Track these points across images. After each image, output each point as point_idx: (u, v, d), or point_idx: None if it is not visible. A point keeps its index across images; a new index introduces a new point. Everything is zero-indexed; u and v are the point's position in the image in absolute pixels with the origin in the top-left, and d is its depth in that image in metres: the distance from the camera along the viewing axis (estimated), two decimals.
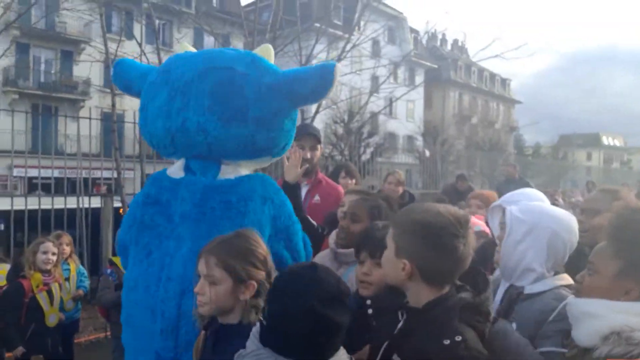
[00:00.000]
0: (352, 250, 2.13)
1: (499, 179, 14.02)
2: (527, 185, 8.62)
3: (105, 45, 5.94)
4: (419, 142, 34.07)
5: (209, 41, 28.57)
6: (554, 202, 9.62)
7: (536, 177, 21.40)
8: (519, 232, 1.83)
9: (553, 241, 1.80)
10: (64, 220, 5.63)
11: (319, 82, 1.94)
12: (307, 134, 3.10)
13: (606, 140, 70.11)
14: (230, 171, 2.00)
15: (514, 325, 1.72)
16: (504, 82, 53.66)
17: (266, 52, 2.08)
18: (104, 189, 9.24)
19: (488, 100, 50.40)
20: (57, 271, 3.92)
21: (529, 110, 67.06)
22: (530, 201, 2.61)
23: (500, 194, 5.35)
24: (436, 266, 1.44)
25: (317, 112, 7.18)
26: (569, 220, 1.87)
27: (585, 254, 2.21)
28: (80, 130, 6.28)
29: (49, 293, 3.79)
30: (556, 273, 1.84)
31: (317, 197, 3.15)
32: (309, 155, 3.02)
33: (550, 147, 50.99)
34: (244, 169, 2.06)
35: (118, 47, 6.29)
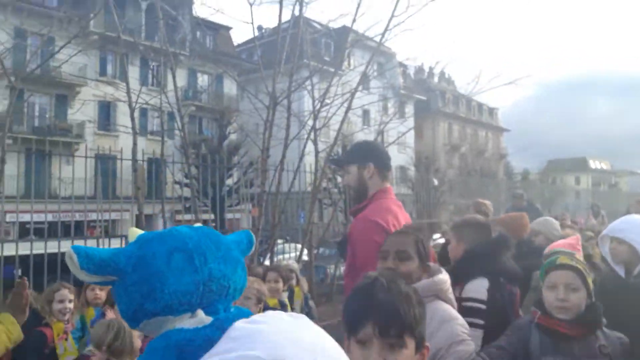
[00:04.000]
0: None
1: (504, 205, 14.10)
2: (537, 210, 8.43)
3: (128, 89, 6.00)
4: (412, 171, 34.27)
5: (202, 80, 29.11)
6: (564, 226, 9.55)
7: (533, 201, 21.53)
8: None
9: None
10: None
11: (249, 246, 2.55)
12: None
13: (593, 164, 70.89)
14: None
15: None
16: (492, 111, 54.49)
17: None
18: (98, 231, 9.15)
19: (477, 129, 51.07)
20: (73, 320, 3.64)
21: (516, 137, 67.93)
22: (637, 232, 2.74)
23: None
24: None
25: (317, 151, 7.26)
26: None
27: None
28: (75, 173, 6.27)
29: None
30: None
31: None
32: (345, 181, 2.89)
33: (538, 172, 51.40)
34: None
35: (139, 91, 6.33)
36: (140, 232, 2.45)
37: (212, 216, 11.03)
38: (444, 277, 2.10)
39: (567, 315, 2.04)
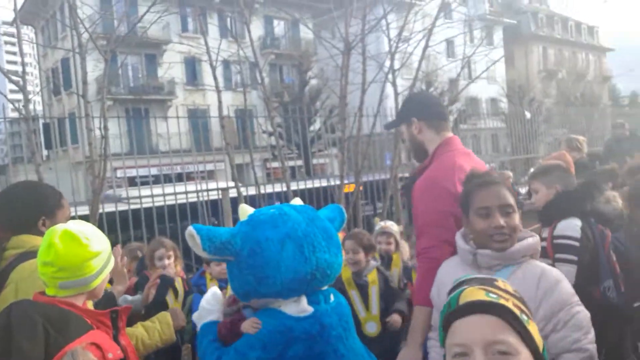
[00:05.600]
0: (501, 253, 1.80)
1: (598, 135, 12.99)
2: None
3: (207, 47, 6.04)
4: (504, 103, 32.42)
5: (279, 26, 29.00)
6: None
7: (638, 129, 19.62)
8: None
9: None
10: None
11: (342, 220, 2.56)
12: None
13: None
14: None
15: None
16: (591, 30, 49.40)
17: None
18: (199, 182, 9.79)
19: (576, 52, 46.72)
20: (179, 267, 3.82)
21: (623, 57, 61.12)
22: None
23: (613, 152, 4.93)
24: None
25: (397, 93, 7.01)
26: None
27: None
28: (170, 129, 6.53)
29: (174, 288, 3.62)
30: None
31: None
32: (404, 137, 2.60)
33: None
34: None
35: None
36: (250, 210, 2.47)
37: (300, 162, 11.30)
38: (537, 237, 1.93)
39: None
